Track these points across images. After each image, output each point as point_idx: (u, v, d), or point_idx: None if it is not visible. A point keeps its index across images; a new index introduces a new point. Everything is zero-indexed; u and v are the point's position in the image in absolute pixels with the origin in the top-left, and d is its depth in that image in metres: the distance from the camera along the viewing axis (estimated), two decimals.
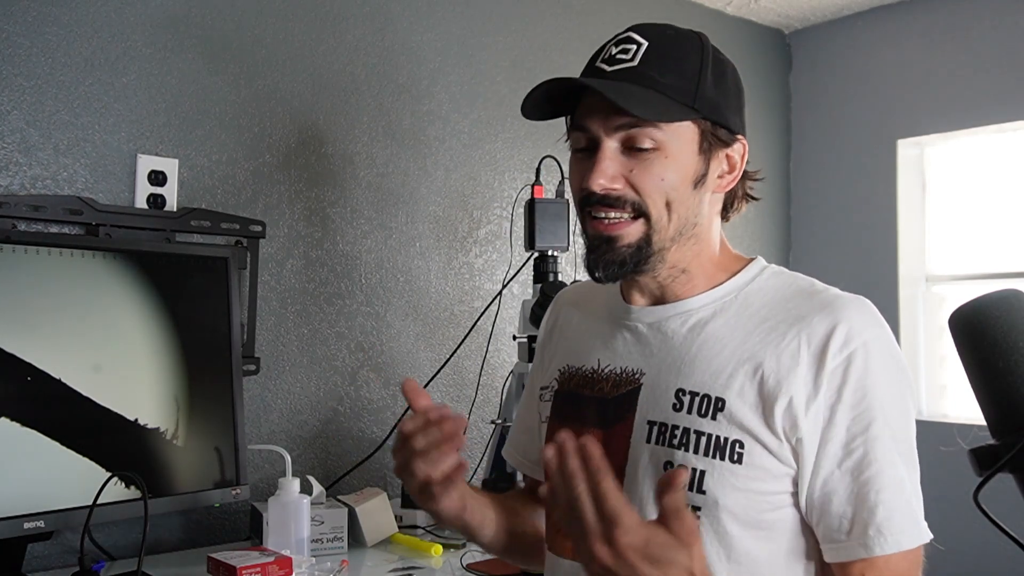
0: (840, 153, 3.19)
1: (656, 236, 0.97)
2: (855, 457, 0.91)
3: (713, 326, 0.99)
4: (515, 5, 2.55)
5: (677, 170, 0.96)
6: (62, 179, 1.78)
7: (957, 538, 0.94)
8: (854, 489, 0.91)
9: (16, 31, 1.73)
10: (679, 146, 0.96)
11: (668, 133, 0.95)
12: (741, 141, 1.02)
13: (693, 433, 0.94)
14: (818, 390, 0.92)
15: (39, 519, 1.44)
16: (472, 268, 2.43)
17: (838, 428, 0.92)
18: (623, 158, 0.96)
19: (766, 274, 1.03)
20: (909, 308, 3.00)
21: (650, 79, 0.94)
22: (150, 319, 1.62)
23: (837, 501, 0.91)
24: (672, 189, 0.96)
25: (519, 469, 1.25)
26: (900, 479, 0.92)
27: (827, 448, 0.92)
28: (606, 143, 0.96)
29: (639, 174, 0.95)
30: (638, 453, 0.98)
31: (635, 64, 0.95)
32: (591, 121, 0.97)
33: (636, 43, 0.97)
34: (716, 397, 0.95)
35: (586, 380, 1.06)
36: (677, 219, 0.98)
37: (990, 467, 0.73)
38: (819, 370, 0.92)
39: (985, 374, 0.74)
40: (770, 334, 0.96)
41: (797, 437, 0.92)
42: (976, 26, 2.85)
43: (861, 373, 0.92)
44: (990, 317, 0.74)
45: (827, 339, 0.93)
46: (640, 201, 0.96)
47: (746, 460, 0.92)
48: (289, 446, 2.00)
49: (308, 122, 2.14)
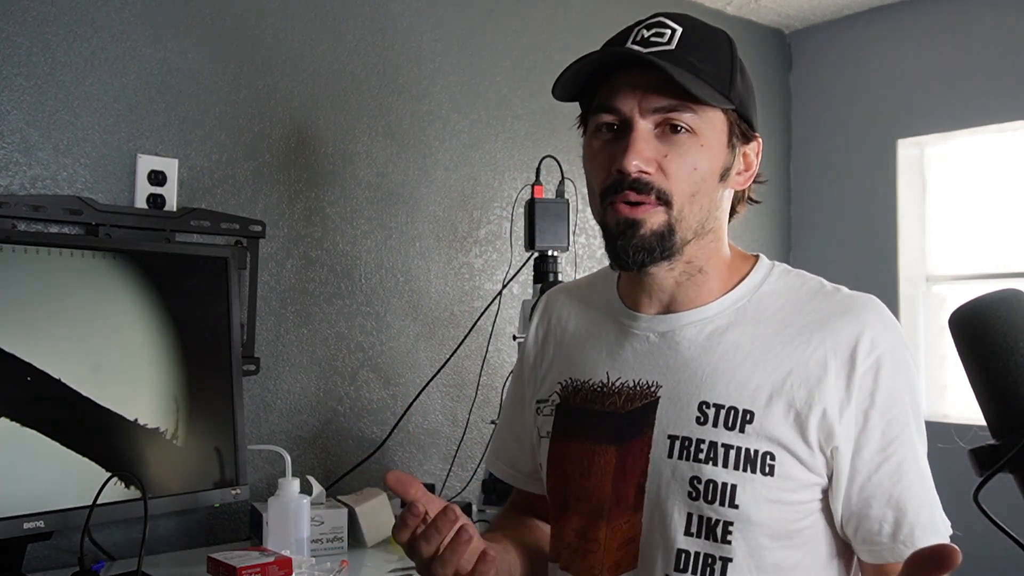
0: (840, 153, 3.19)
1: (679, 226, 0.94)
2: (893, 461, 0.92)
3: (732, 335, 0.97)
4: (515, 4, 2.55)
5: (710, 160, 0.95)
6: (62, 179, 1.78)
7: (957, 538, 0.94)
8: (894, 493, 0.91)
9: (16, 31, 1.73)
10: (712, 135, 0.95)
11: (703, 119, 0.93)
12: (758, 140, 1.02)
13: (721, 447, 0.92)
14: (851, 396, 0.92)
15: (39, 519, 1.44)
16: (472, 268, 2.42)
17: (873, 432, 0.92)
18: (657, 142, 0.93)
19: (775, 274, 1.02)
20: (909, 308, 3.00)
21: (690, 64, 0.92)
22: (150, 319, 1.62)
23: (877, 505, 0.92)
24: (701, 180, 0.94)
25: (508, 481, 1.21)
26: (927, 477, 0.94)
27: (863, 453, 0.92)
28: (640, 124, 0.93)
29: (673, 160, 0.93)
30: (660, 468, 0.96)
31: (672, 48, 0.93)
32: (623, 101, 0.93)
33: (670, 28, 0.95)
34: (744, 409, 0.93)
35: (595, 394, 1.03)
36: (700, 211, 0.96)
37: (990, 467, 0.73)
38: (850, 377, 0.92)
39: (985, 374, 0.74)
40: (792, 341, 0.95)
41: (834, 446, 0.92)
42: (976, 26, 2.85)
43: (890, 377, 0.92)
44: (990, 317, 0.74)
45: (854, 345, 0.93)
46: (667, 189, 0.93)
47: (777, 472, 0.92)
48: (289, 446, 2.00)
49: (308, 122, 2.14)
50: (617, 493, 0.98)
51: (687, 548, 0.94)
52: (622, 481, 0.98)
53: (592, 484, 1.00)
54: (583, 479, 1.01)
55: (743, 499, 0.91)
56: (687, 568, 0.94)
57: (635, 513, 0.97)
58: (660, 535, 0.95)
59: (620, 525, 0.98)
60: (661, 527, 0.95)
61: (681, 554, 0.94)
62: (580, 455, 1.02)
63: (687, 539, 0.94)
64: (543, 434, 1.08)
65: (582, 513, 1.01)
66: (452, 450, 2.31)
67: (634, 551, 0.97)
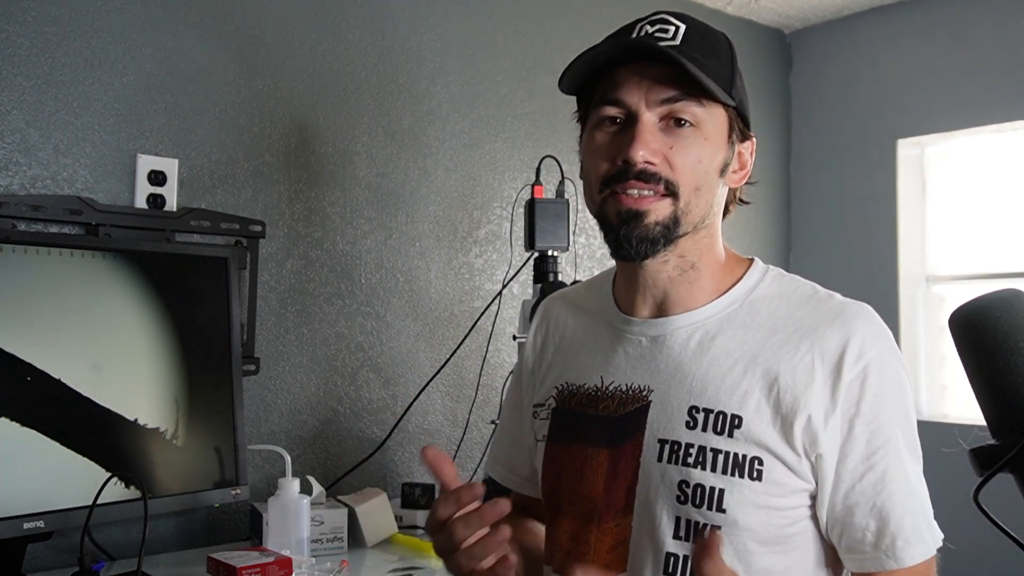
0: (840, 153, 3.19)
1: (684, 218, 0.95)
2: (878, 470, 0.91)
3: (722, 340, 0.97)
4: (515, 5, 2.55)
5: (712, 154, 0.96)
6: (62, 179, 1.78)
7: (957, 538, 0.94)
8: (877, 502, 0.91)
9: (16, 31, 1.73)
10: (715, 129, 0.96)
11: (707, 113, 0.94)
12: (753, 140, 1.03)
13: (709, 451, 0.93)
14: (836, 404, 0.92)
15: (39, 519, 1.44)
16: (472, 268, 2.42)
17: (857, 441, 0.92)
18: (661, 135, 0.94)
19: (768, 279, 1.02)
20: (909, 308, 3.00)
21: (695, 60, 0.92)
22: (150, 319, 1.62)
23: (860, 514, 0.91)
24: (704, 173, 0.95)
25: (506, 485, 1.21)
26: (915, 487, 0.93)
27: (847, 461, 0.92)
28: (646, 116, 0.93)
29: (678, 152, 0.93)
30: (650, 472, 0.96)
31: (678, 43, 0.93)
32: (629, 94, 0.94)
33: (673, 24, 0.95)
34: (732, 414, 0.93)
35: (589, 399, 1.03)
36: (704, 205, 0.96)
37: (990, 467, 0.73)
38: (836, 384, 0.92)
39: (985, 374, 0.74)
40: (782, 347, 0.95)
41: (817, 453, 0.91)
42: (976, 26, 2.85)
43: (877, 386, 0.92)
44: (990, 317, 0.74)
45: (841, 352, 0.92)
46: (674, 180, 0.93)
47: (765, 477, 0.91)
48: (289, 446, 2.00)
49: (308, 122, 2.14)
50: (608, 496, 0.99)
51: (675, 551, 0.94)
52: (613, 484, 0.98)
53: (584, 487, 1.01)
54: (576, 482, 1.02)
55: (730, 503, 0.91)
56: (675, 571, 0.94)
57: (625, 516, 0.98)
58: (649, 538, 0.96)
59: (610, 528, 0.99)
60: (650, 530, 0.96)
61: (669, 557, 0.94)
62: (574, 458, 1.02)
63: (675, 542, 0.94)
64: (539, 438, 1.09)
65: (574, 516, 1.02)
66: (452, 450, 2.31)
67: (624, 554, 0.98)
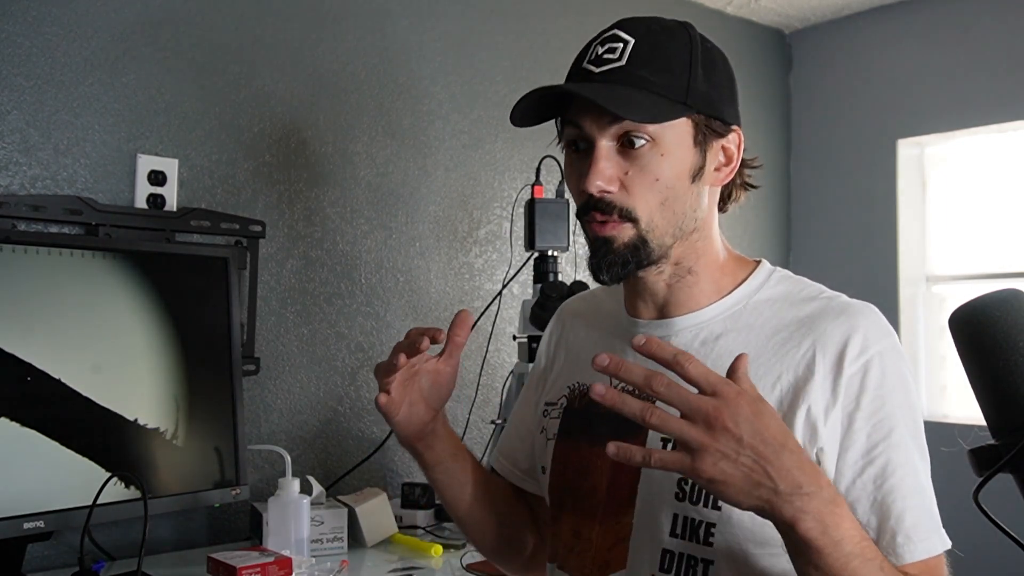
0: (840, 153, 3.19)
1: (651, 235, 0.95)
2: (878, 464, 0.91)
3: (725, 341, 0.97)
4: (515, 5, 2.55)
5: (672, 166, 0.95)
6: (62, 179, 1.78)
7: (957, 538, 0.94)
8: (878, 497, 0.90)
9: (16, 31, 1.73)
10: (674, 140, 0.95)
11: (662, 127, 0.94)
12: (736, 131, 1.00)
13: None
14: (836, 398, 0.91)
15: (39, 519, 1.44)
16: (472, 268, 2.42)
17: (857, 435, 0.91)
18: (619, 158, 0.94)
19: (773, 280, 1.02)
20: (909, 308, 3.00)
21: (639, 78, 0.92)
22: (150, 319, 1.62)
23: (861, 510, 0.91)
24: (667, 187, 0.95)
25: (507, 477, 1.22)
26: (922, 486, 0.92)
27: (847, 456, 0.91)
28: (601, 143, 0.94)
29: (634, 176, 0.94)
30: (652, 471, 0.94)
31: (623, 63, 0.93)
32: (584, 121, 0.95)
33: (623, 40, 0.95)
34: None
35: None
36: (673, 216, 0.96)
37: (990, 467, 0.73)
38: (836, 378, 0.92)
39: (985, 374, 0.74)
40: (784, 345, 0.95)
41: (818, 447, 0.91)
42: (976, 26, 2.85)
43: (878, 381, 0.91)
44: (990, 317, 0.74)
45: (843, 347, 0.92)
46: (630, 206, 0.94)
47: None
48: (289, 446, 2.00)
49: (308, 122, 2.14)
50: (611, 494, 1.00)
51: (672, 549, 0.95)
52: (617, 482, 1.00)
53: (589, 484, 1.02)
54: (581, 479, 1.03)
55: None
56: (671, 569, 0.95)
57: (627, 514, 0.99)
58: (648, 536, 0.97)
59: (612, 525, 1.00)
60: (649, 528, 0.96)
61: (666, 554, 0.95)
62: (581, 456, 1.04)
63: (672, 540, 0.95)
64: (550, 436, 1.10)
65: (578, 513, 1.03)
66: None
67: (624, 551, 0.99)
